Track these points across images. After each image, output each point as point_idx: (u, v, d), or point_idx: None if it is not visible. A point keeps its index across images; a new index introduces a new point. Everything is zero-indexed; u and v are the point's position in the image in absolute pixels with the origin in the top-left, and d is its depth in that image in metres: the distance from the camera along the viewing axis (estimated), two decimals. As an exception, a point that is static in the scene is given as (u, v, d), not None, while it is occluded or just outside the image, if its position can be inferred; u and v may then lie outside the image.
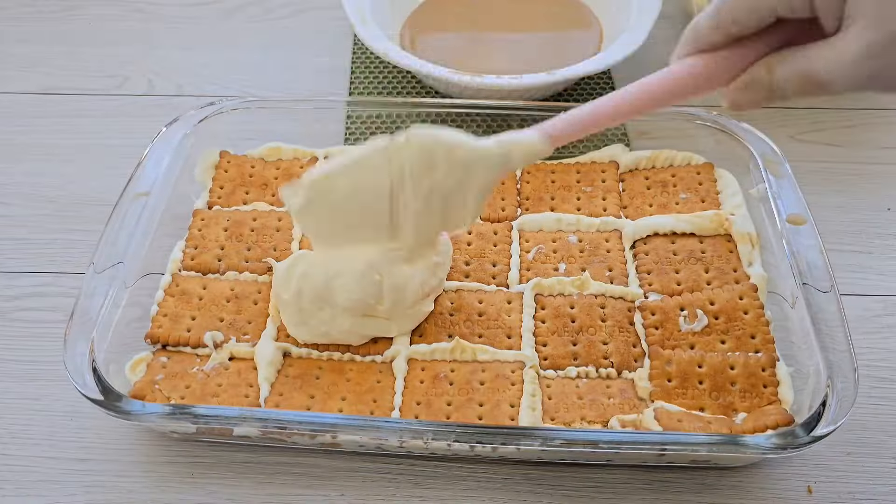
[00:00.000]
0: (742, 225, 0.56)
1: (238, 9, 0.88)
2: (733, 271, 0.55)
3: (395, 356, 0.51)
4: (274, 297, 0.53)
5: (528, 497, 0.49)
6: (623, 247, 0.58)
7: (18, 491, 0.49)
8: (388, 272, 0.49)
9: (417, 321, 0.52)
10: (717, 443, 0.43)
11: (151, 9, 0.88)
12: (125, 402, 0.45)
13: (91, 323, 0.49)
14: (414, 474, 0.50)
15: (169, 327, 0.53)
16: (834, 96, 0.37)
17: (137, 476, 0.50)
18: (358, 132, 0.70)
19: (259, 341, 0.52)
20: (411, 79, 0.77)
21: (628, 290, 0.55)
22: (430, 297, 0.52)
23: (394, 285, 0.49)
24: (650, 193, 0.61)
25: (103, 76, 0.79)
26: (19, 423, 0.53)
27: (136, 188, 0.57)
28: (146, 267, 0.55)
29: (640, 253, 0.57)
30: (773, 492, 0.49)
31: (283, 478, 0.50)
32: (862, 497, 0.49)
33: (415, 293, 0.50)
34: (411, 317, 0.52)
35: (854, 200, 0.66)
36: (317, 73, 0.79)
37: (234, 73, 0.79)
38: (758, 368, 0.50)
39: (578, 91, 0.75)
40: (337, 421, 0.44)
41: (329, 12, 0.86)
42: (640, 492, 0.49)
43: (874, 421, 0.52)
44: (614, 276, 0.56)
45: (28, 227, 0.65)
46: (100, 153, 0.71)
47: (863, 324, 0.57)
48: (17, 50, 0.82)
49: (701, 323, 0.52)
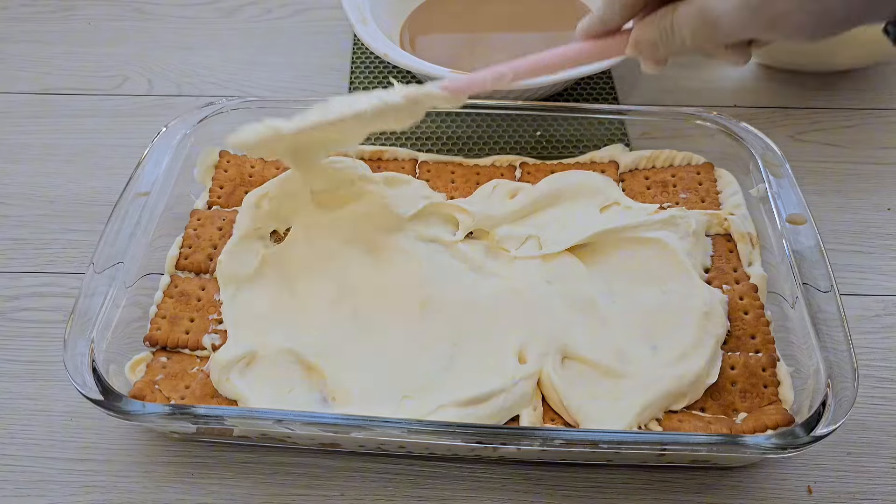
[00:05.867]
0: (742, 225, 0.56)
1: (238, 9, 0.88)
2: (733, 271, 0.55)
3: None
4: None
5: (528, 497, 0.49)
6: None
7: (18, 491, 0.49)
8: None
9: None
10: (717, 443, 0.43)
11: (151, 9, 0.88)
12: (125, 403, 0.45)
13: (91, 323, 0.49)
14: (414, 474, 0.50)
15: (167, 329, 0.53)
16: (756, 56, 0.40)
17: (137, 476, 0.50)
18: (358, 132, 0.70)
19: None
20: (411, 79, 0.77)
21: (628, 290, 0.55)
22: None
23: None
24: (650, 193, 0.61)
25: (103, 76, 0.79)
26: (19, 423, 0.53)
27: (136, 188, 0.57)
28: (146, 267, 0.55)
29: (640, 253, 0.57)
30: (773, 492, 0.49)
31: (283, 478, 0.50)
32: (862, 497, 0.49)
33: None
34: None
35: (854, 200, 0.66)
36: (317, 73, 0.79)
37: (234, 73, 0.79)
38: (758, 368, 0.50)
39: (578, 91, 0.75)
40: (338, 420, 0.44)
41: (329, 12, 0.86)
42: (640, 492, 0.49)
43: (874, 421, 0.52)
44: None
45: (28, 227, 0.65)
46: (100, 153, 0.71)
47: (863, 324, 0.57)
48: (17, 50, 0.82)
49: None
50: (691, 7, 0.40)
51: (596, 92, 0.76)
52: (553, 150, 0.67)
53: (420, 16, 0.79)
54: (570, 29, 0.77)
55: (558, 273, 0.54)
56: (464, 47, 0.76)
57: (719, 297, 0.52)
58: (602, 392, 0.48)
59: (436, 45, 0.76)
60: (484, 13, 0.79)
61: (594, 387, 0.48)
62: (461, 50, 0.75)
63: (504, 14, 0.79)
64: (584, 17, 0.46)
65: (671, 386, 0.47)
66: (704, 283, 0.53)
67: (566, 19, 0.78)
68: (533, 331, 0.50)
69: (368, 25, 0.70)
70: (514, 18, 0.78)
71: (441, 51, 0.75)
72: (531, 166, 0.63)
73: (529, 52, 0.48)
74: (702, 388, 0.48)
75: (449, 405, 0.46)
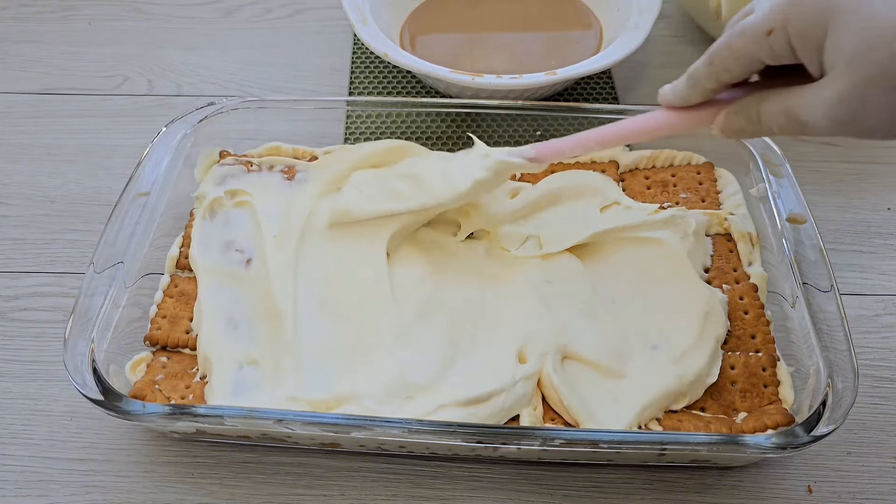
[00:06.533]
0: (742, 224, 0.56)
1: (237, 9, 0.88)
2: (733, 271, 0.55)
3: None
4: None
5: (528, 497, 0.49)
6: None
7: (18, 491, 0.49)
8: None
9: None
10: (717, 442, 0.43)
11: (151, 9, 0.88)
12: (125, 403, 0.45)
13: (91, 323, 0.49)
14: (414, 474, 0.50)
15: (168, 329, 0.53)
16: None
17: (137, 476, 0.50)
18: (358, 132, 0.70)
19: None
20: (411, 79, 0.77)
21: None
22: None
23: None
24: (650, 193, 0.61)
25: (103, 76, 0.79)
26: (19, 423, 0.53)
27: (136, 188, 0.57)
28: (146, 267, 0.55)
29: (640, 253, 0.57)
30: (773, 492, 0.49)
31: (283, 478, 0.50)
32: (862, 497, 0.49)
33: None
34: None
35: (854, 200, 0.66)
36: (316, 73, 0.79)
37: (234, 73, 0.79)
38: (758, 368, 0.50)
39: (578, 91, 0.75)
40: (338, 420, 0.44)
41: (329, 12, 0.86)
42: (641, 492, 0.49)
43: (874, 421, 0.52)
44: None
45: (28, 227, 0.65)
46: (100, 153, 0.71)
47: (863, 324, 0.57)
48: (17, 50, 0.82)
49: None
50: (777, 107, 0.40)
51: (596, 92, 0.76)
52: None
53: (420, 16, 0.79)
54: (570, 29, 0.77)
55: (558, 273, 0.54)
56: (464, 47, 0.76)
57: (719, 296, 0.52)
58: (602, 392, 0.48)
59: (436, 44, 0.76)
60: (484, 13, 0.79)
61: (594, 387, 0.48)
62: (461, 50, 0.75)
63: (504, 14, 0.79)
64: (666, 86, 0.45)
65: (671, 386, 0.47)
66: (704, 283, 0.53)
67: (566, 19, 0.78)
68: (533, 331, 0.50)
69: (368, 25, 0.70)
70: (514, 18, 0.78)
71: (441, 51, 0.75)
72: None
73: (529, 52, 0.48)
74: (702, 387, 0.48)
75: (450, 405, 0.46)
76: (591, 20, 0.78)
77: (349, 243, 0.55)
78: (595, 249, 0.56)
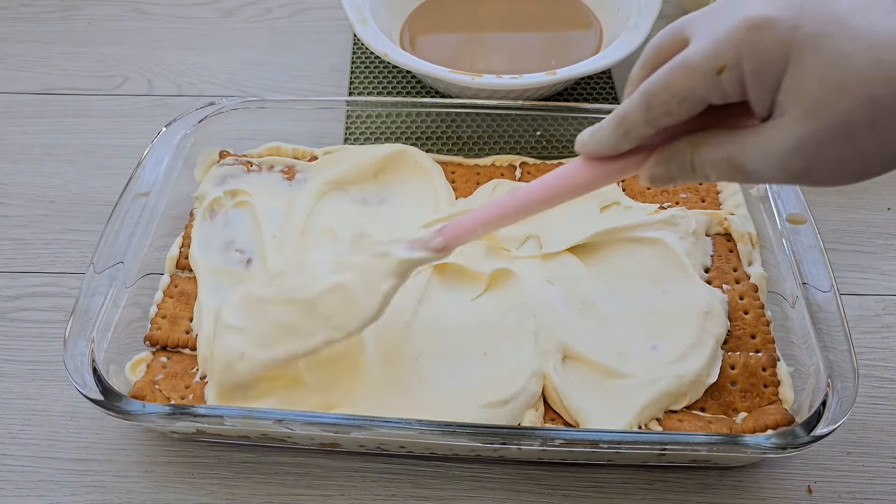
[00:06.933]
0: (742, 224, 0.56)
1: (237, 9, 0.88)
2: (733, 271, 0.55)
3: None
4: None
5: (528, 497, 0.49)
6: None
7: (18, 491, 0.49)
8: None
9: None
10: (717, 442, 0.43)
11: (151, 9, 0.88)
12: (125, 403, 0.45)
13: (91, 323, 0.49)
14: (414, 474, 0.50)
15: (168, 329, 0.53)
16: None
17: (137, 476, 0.50)
18: (358, 132, 0.70)
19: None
20: (411, 79, 0.77)
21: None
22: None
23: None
24: (650, 193, 0.61)
25: (103, 76, 0.79)
26: (19, 423, 0.53)
27: (136, 188, 0.57)
28: (146, 267, 0.55)
29: (640, 253, 0.57)
30: (773, 492, 0.49)
31: (283, 478, 0.50)
32: (862, 497, 0.49)
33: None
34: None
35: (854, 200, 0.66)
36: (316, 73, 0.79)
37: (234, 73, 0.79)
38: (758, 368, 0.50)
39: (578, 91, 0.75)
40: (338, 420, 0.44)
41: (329, 12, 0.86)
42: (641, 492, 0.49)
43: (874, 421, 0.52)
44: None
45: (28, 227, 0.65)
46: (100, 153, 0.71)
47: (863, 324, 0.57)
48: (17, 50, 0.82)
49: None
50: (717, 154, 0.36)
51: (596, 92, 0.76)
52: (553, 150, 0.67)
53: (420, 16, 0.79)
54: (569, 29, 0.77)
55: (558, 273, 0.54)
56: (464, 47, 0.76)
57: (719, 296, 0.52)
58: (602, 392, 0.48)
59: (436, 44, 0.76)
60: (484, 13, 0.79)
61: (594, 386, 0.48)
62: (461, 50, 0.75)
63: (504, 14, 0.79)
64: (584, 132, 0.40)
65: (671, 386, 0.47)
66: (704, 283, 0.53)
67: (566, 19, 0.78)
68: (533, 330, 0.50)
69: (368, 25, 0.70)
70: (514, 18, 0.78)
71: (441, 51, 0.75)
72: (531, 166, 0.63)
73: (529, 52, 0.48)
74: (702, 387, 0.48)
75: (474, 408, 0.47)
76: (591, 20, 0.78)
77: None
78: (595, 249, 0.55)
